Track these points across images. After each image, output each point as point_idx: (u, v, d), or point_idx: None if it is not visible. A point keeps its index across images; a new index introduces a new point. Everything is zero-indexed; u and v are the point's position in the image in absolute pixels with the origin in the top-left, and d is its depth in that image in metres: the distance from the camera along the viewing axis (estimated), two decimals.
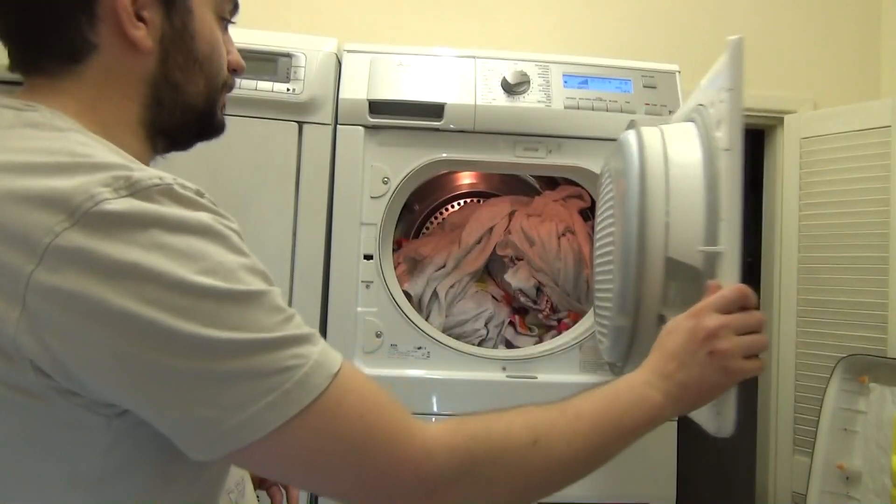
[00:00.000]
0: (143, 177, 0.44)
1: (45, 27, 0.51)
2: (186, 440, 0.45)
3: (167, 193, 0.44)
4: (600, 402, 0.58)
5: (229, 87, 0.62)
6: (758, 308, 0.67)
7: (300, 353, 0.45)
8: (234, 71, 0.62)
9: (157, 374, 0.42)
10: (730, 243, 0.73)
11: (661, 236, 0.80)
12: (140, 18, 0.52)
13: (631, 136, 0.92)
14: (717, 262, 0.75)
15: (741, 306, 0.66)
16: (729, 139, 0.74)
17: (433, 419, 1.21)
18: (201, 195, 0.47)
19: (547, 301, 1.41)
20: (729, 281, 0.71)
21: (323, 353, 0.47)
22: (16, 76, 0.54)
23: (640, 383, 0.62)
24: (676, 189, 0.83)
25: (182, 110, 0.57)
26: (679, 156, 0.85)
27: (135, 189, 0.43)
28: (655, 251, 0.79)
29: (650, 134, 0.91)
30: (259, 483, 0.81)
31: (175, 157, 0.61)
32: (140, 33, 0.52)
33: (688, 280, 0.79)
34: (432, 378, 1.22)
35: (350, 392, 0.47)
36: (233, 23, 0.62)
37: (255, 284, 0.46)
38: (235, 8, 0.62)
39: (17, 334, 0.40)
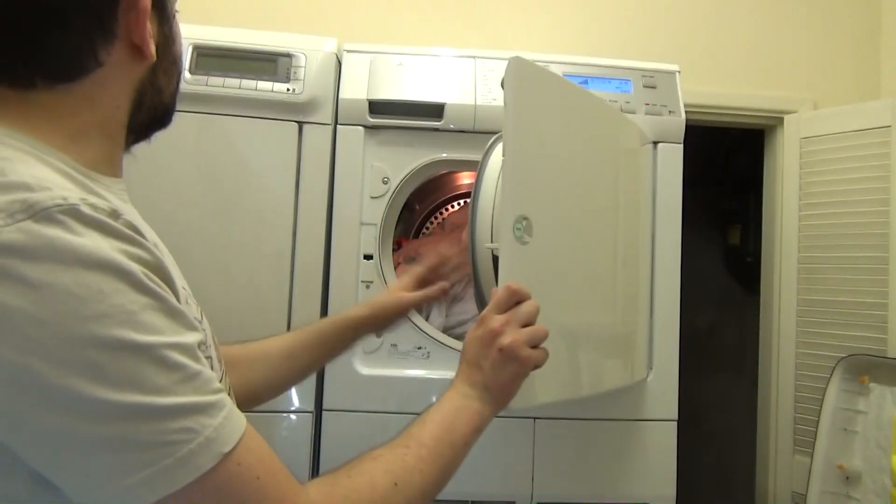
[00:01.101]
0: (42, 198, 0.41)
1: (56, 47, 0.49)
2: (69, 492, 0.42)
3: (71, 214, 0.41)
4: (434, 426, 0.64)
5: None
6: (529, 299, 0.72)
7: (189, 427, 0.42)
8: None
9: (30, 426, 0.40)
10: (502, 242, 0.77)
11: (487, 233, 0.87)
12: None
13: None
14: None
15: (517, 301, 0.71)
16: (504, 150, 0.79)
17: None
18: (116, 216, 0.44)
19: None
20: (504, 280, 0.75)
21: (220, 428, 0.44)
22: None
23: (458, 397, 0.68)
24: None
25: (156, 109, 0.58)
26: None
27: (32, 212, 0.40)
28: (483, 246, 0.87)
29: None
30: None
31: (175, 159, 0.61)
32: (153, 48, 0.53)
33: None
34: (432, 378, 1.22)
35: (248, 453, 0.46)
36: (177, 11, 0.62)
37: (159, 332, 0.43)
38: None
39: None
